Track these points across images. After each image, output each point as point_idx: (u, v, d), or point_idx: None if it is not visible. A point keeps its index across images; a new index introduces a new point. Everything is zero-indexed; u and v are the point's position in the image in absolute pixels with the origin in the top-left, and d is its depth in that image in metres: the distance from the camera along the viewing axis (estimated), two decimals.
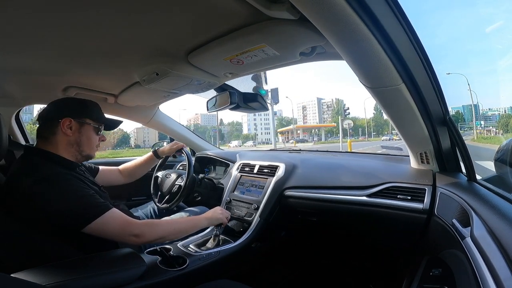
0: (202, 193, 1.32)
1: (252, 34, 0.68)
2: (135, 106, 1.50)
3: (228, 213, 1.07)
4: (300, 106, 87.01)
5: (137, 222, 0.78)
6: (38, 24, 0.65)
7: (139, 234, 0.75)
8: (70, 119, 0.81)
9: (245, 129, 70.14)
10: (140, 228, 0.76)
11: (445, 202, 0.77)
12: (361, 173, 1.08)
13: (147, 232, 0.77)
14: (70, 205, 0.69)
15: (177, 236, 0.88)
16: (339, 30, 0.52)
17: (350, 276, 1.31)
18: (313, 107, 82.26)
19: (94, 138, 0.88)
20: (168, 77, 0.95)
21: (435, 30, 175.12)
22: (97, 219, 0.70)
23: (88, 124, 0.85)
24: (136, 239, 0.74)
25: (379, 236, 1.13)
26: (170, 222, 0.91)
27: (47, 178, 0.70)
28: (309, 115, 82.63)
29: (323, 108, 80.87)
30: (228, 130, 71.55)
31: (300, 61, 0.84)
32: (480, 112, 49.13)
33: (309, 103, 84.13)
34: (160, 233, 0.81)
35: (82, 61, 0.91)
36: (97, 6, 0.59)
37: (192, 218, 0.99)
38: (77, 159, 0.86)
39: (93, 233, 0.70)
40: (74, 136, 0.82)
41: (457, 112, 68.18)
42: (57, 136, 0.80)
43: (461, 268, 0.56)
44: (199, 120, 79.87)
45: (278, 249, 1.34)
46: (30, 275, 0.58)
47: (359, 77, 0.69)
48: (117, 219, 0.74)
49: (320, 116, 79.22)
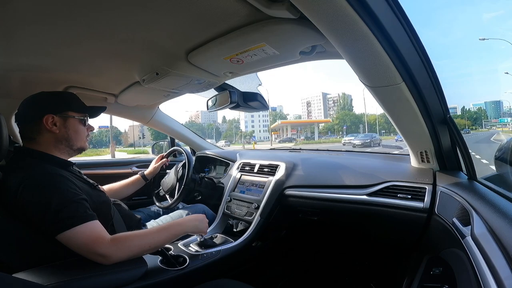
0: (203, 193, 1.32)
1: (252, 33, 0.68)
2: (135, 106, 1.50)
3: (206, 223, 0.93)
4: (304, 101, 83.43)
5: (107, 241, 0.68)
6: (38, 24, 0.65)
7: (104, 254, 0.66)
8: (52, 115, 0.77)
9: (242, 127, 69.15)
10: (107, 249, 0.67)
11: (445, 201, 0.77)
12: (362, 172, 1.08)
13: (114, 253, 0.67)
14: (51, 210, 0.65)
15: (153, 250, 0.78)
16: (339, 29, 0.52)
17: (350, 275, 1.31)
18: (318, 103, 79.09)
19: (82, 129, 0.85)
20: (168, 76, 0.95)
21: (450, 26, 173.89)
22: (66, 230, 0.65)
23: (72, 117, 0.82)
24: (101, 259, 0.66)
25: (380, 235, 1.13)
26: (144, 235, 0.78)
27: (36, 178, 0.69)
28: (314, 111, 79.21)
29: (329, 103, 77.57)
30: (226, 127, 70.65)
31: (300, 60, 0.84)
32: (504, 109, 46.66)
33: (314, 98, 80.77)
34: (131, 251, 0.71)
35: (82, 61, 0.91)
36: (97, 6, 0.59)
37: (167, 227, 0.84)
38: (69, 155, 0.83)
39: (63, 243, 0.65)
40: (61, 132, 0.79)
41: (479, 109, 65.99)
42: (44, 135, 0.77)
43: (462, 267, 0.56)
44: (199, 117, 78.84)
45: (278, 248, 1.34)
46: (31, 275, 0.58)
47: (359, 76, 0.69)
48: (86, 234, 0.66)
49: (325, 112, 76.15)
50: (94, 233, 0.68)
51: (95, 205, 0.77)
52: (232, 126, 68.37)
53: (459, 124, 50.91)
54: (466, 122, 57.80)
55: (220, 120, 78.39)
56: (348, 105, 64.76)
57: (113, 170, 1.66)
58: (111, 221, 0.86)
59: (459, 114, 64.96)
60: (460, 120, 56.52)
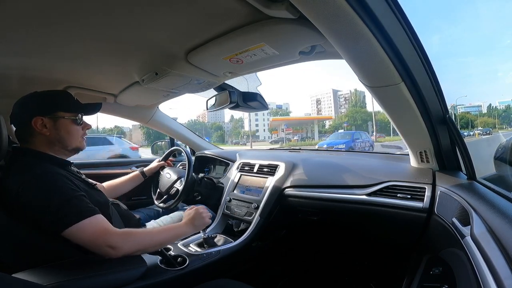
0: (202, 193, 1.32)
1: (252, 33, 0.68)
2: (135, 106, 1.50)
3: (208, 213, 0.96)
4: (313, 99, 78.95)
5: (116, 232, 0.70)
6: (38, 24, 0.65)
7: (115, 245, 0.67)
8: (41, 117, 0.75)
9: (246, 127, 67.51)
10: (117, 240, 0.69)
11: (445, 200, 0.77)
12: (361, 172, 1.08)
13: (124, 245, 0.69)
14: (53, 207, 0.65)
15: (158, 248, 0.80)
16: (338, 29, 0.52)
17: (350, 275, 1.31)
18: (329, 100, 75.39)
19: (75, 129, 0.82)
20: (168, 76, 0.94)
21: None
22: (72, 225, 0.65)
23: (62, 118, 0.79)
24: (111, 251, 0.67)
25: (379, 235, 1.13)
26: (150, 233, 0.82)
27: (36, 177, 0.68)
28: (324, 109, 75.63)
29: (340, 101, 73.73)
30: (231, 127, 69.56)
31: (299, 60, 0.84)
32: None
33: (324, 95, 77.02)
34: (139, 245, 0.73)
35: (82, 61, 0.91)
36: (97, 6, 0.59)
37: (173, 227, 0.88)
38: (66, 155, 0.82)
39: (70, 238, 0.66)
40: (53, 134, 0.77)
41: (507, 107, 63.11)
42: (36, 137, 0.76)
43: (461, 267, 0.56)
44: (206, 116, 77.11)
45: (278, 248, 1.34)
46: (31, 275, 0.58)
47: (358, 76, 0.69)
48: (94, 227, 0.68)
49: (336, 110, 72.13)
50: (101, 226, 0.69)
51: (93, 204, 0.76)
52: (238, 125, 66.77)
53: (487, 122, 46.40)
54: (495, 121, 52.01)
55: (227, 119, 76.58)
56: (360, 102, 60.69)
57: (113, 170, 1.66)
58: (110, 221, 0.86)
59: (485, 112, 59.86)
60: (487, 119, 51.93)
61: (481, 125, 40.15)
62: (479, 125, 38.95)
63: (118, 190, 1.24)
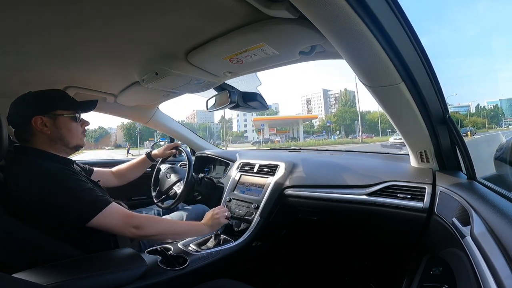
0: (202, 193, 1.32)
1: (252, 33, 0.68)
2: (135, 106, 1.50)
3: (225, 210, 1.03)
4: (304, 99, 78.24)
5: (137, 215, 0.79)
6: (38, 24, 0.65)
7: (139, 225, 0.76)
8: (40, 116, 0.76)
9: (234, 127, 66.74)
10: (140, 220, 0.77)
11: (445, 200, 0.77)
12: (361, 172, 1.08)
13: (146, 225, 0.77)
14: (73, 200, 0.69)
15: (175, 238, 0.88)
16: (339, 29, 0.52)
17: (350, 275, 1.31)
18: (319, 100, 74.78)
19: (75, 127, 0.83)
20: (168, 76, 0.94)
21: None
22: (99, 213, 0.70)
23: (61, 116, 0.80)
24: (136, 231, 0.75)
25: (379, 235, 1.14)
26: (171, 222, 0.90)
27: (46, 174, 0.69)
28: (314, 109, 74.97)
29: (330, 101, 73.33)
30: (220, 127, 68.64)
31: (299, 60, 0.84)
32: None
33: (314, 95, 76.36)
34: (160, 229, 0.81)
35: (82, 61, 0.91)
36: (97, 6, 0.59)
37: (194, 224, 0.95)
38: (67, 153, 0.83)
39: (96, 227, 0.70)
40: (54, 132, 0.78)
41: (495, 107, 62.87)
42: (37, 137, 0.77)
43: (461, 266, 0.56)
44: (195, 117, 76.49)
45: (278, 248, 1.34)
46: (31, 275, 0.58)
47: (358, 76, 0.69)
48: (118, 212, 0.75)
49: (326, 110, 71.81)
50: (124, 210, 0.78)
51: None
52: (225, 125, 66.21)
53: (477, 122, 46.80)
54: (485, 120, 52.23)
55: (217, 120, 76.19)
56: (350, 102, 60.87)
57: None
58: None
59: (474, 112, 60.13)
60: (476, 119, 52.27)
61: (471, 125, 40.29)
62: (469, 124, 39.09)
63: (127, 177, 1.24)
